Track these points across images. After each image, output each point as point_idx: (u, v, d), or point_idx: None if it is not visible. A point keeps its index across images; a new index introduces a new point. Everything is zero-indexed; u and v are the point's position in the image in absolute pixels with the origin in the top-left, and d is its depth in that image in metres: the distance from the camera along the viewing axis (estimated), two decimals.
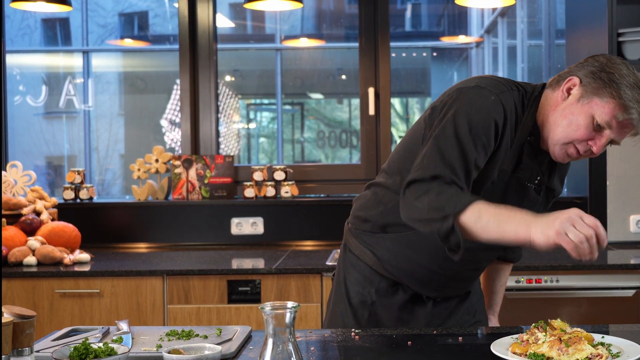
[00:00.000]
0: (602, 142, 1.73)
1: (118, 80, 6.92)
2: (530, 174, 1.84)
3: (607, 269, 3.07)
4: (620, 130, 1.72)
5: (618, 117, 1.69)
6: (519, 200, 1.82)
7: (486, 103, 1.74)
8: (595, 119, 1.71)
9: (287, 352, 1.29)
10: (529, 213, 1.63)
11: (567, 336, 1.54)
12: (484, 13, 6.74)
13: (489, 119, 1.73)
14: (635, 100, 1.68)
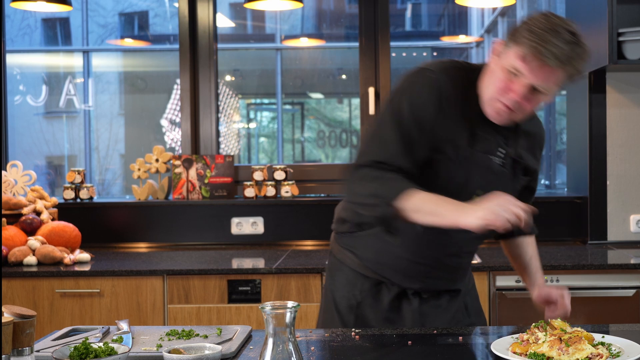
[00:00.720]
0: (521, 90, 1.72)
1: (118, 80, 6.92)
2: (490, 146, 1.84)
3: (607, 269, 3.07)
4: (536, 74, 1.70)
5: (527, 59, 1.69)
6: (483, 174, 1.83)
7: (425, 82, 1.80)
8: (508, 68, 1.72)
9: (287, 352, 1.29)
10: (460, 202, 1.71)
11: (567, 336, 1.54)
12: (484, 13, 6.74)
13: (427, 97, 1.78)
14: (546, 41, 1.67)
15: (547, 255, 3.30)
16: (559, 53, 1.67)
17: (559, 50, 1.67)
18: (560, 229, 3.78)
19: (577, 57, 1.70)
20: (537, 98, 1.75)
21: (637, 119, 3.66)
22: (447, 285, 2.01)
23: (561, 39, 1.68)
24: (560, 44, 1.67)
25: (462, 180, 1.82)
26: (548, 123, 5.98)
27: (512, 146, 1.89)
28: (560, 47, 1.67)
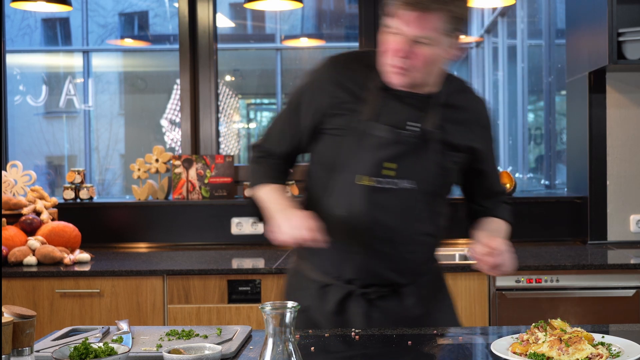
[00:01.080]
0: (399, 44, 1.73)
1: (118, 80, 6.92)
2: (397, 119, 1.81)
3: (607, 269, 3.07)
4: (408, 24, 1.72)
5: (396, 13, 1.74)
6: (390, 147, 1.80)
7: (318, 68, 1.90)
8: (385, 30, 1.78)
9: (287, 352, 1.29)
10: (281, 205, 1.82)
11: (567, 336, 1.54)
12: (484, 13, 6.74)
13: (318, 83, 1.88)
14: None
15: (547, 255, 3.31)
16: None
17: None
18: (560, 229, 3.78)
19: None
20: (423, 51, 1.73)
21: (637, 119, 3.66)
22: (390, 277, 1.88)
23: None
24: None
25: (367, 152, 1.80)
26: (548, 123, 5.98)
27: (430, 119, 1.83)
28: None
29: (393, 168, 1.80)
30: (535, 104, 6.53)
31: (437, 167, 1.84)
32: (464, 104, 1.90)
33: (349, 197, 1.82)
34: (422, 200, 1.86)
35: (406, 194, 1.83)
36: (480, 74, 6.87)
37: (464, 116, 1.90)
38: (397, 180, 1.81)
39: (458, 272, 3.10)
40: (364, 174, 1.80)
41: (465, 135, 1.88)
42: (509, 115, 6.48)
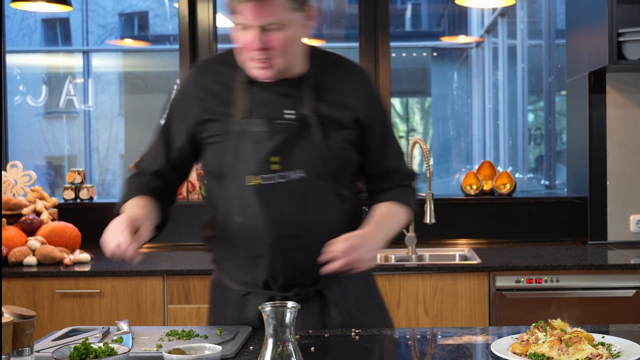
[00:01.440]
0: (252, 38, 1.68)
1: (118, 80, 6.92)
2: (271, 111, 1.76)
3: (607, 269, 3.07)
4: (250, 15, 1.67)
5: (235, 9, 1.69)
6: (272, 140, 1.74)
7: (181, 82, 1.90)
8: (234, 27, 1.73)
9: (287, 352, 1.29)
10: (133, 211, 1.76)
11: (567, 336, 1.54)
12: (484, 13, 6.74)
13: (182, 95, 1.87)
14: None
15: (547, 255, 3.31)
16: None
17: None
18: (560, 229, 3.78)
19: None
20: (276, 36, 1.68)
21: (637, 119, 3.66)
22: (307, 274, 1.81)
23: None
24: None
25: (250, 150, 1.75)
26: (548, 123, 5.98)
27: (306, 103, 1.76)
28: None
29: (277, 161, 1.74)
30: (535, 104, 6.54)
31: (324, 150, 1.77)
32: (338, 79, 1.82)
33: (242, 200, 1.77)
34: (317, 188, 1.78)
35: (297, 184, 1.76)
36: (480, 74, 6.87)
37: (342, 91, 1.81)
38: (284, 173, 1.75)
39: (458, 272, 3.10)
40: (251, 174, 1.75)
41: (345, 109, 1.80)
42: (509, 115, 6.48)
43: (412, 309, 3.10)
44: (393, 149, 1.90)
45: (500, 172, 3.90)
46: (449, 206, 3.78)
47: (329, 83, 1.81)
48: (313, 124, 1.76)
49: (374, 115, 1.84)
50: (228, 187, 1.80)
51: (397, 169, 1.91)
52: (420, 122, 7.55)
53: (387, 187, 1.91)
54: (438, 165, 7.05)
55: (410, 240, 3.48)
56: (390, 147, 1.89)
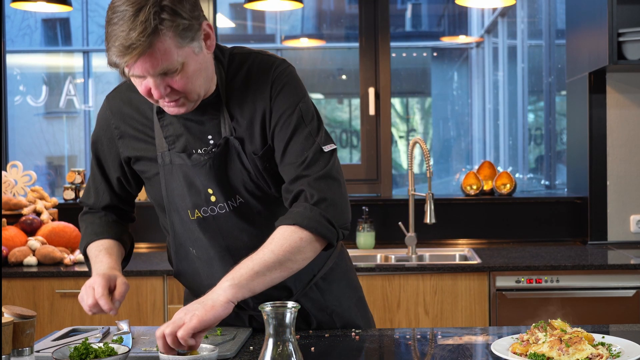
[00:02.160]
0: (153, 88, 1.50)
1: (118, 80, 6.91)
2: (192, 142, 1.63)
3: (607, 269, 3.07)
4: (142, 68, 1.46)
5: (120, 64, 1.46)
6: (200, 172, 1.62)
7: (98, 113, 1.78)
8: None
9: (287, 352, 1.29)
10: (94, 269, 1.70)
11: (568, 336, 1.54)
12: (484, 13, 6.74)
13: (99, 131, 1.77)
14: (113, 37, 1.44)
15: (547, 255, 3.31)
16: (126, 42, 1.41)
17: (124, 38, 1.41)
18: (560, 229, 3.78)
19: (146, 24, 1.41)
20: (175, 78, 1.49)
21: (637, 119, 3.66)
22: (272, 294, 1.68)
23: (120, 22, 1.43)
24: (121, 29, 1.42)
25: (183, 186, 1.65)
26: (548, 123, 5.98)
27: (225, 126, 1.62)
28: (122, 35, 1.42)
29: (212, 193, 1.64)
30: (536, 104, 6.53)
31: (255, 172, 1.63)
32: (245, 88, 1.63)
33: (189, 234, 1.70)
34: (259, 209, 1.67)
35: (239, 210, 1.66)
36: (480, 74, 6.87)
37: (250, 102, 1.63)
38: (223, 203, 1.65)
39: (458, 272, 3.10)
40: (190, 209, 1.66)
41: (257, 123, 1.62)
42: (509, 116, 6.48)
43: (412, 309, 3.10)
44: (296, 155, 1.61)
45: (501, 172, 3.90)
46: (449, 206, 3.78)
47: (241, 95, 1.63)
48: (235, 146, 1.62)
49: (272, 120, 1.62)
50: (174, 221, 1.72)
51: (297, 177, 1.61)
52: (420, 122, 7.55)
53: (288, 197, 1.63)
54: (438, 165, 7.05)
55: (410, 240, 3.48)
56: (291, 153, 1.62)
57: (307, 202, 1.57)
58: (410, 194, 3.51)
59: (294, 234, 1.55)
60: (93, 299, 1.61)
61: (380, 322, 3.11)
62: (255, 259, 1.52)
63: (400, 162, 6.88)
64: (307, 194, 1.58)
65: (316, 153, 1.61)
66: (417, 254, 3.51)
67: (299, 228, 1.56)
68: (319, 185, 1.59)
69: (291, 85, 1.63)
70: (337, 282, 1.87)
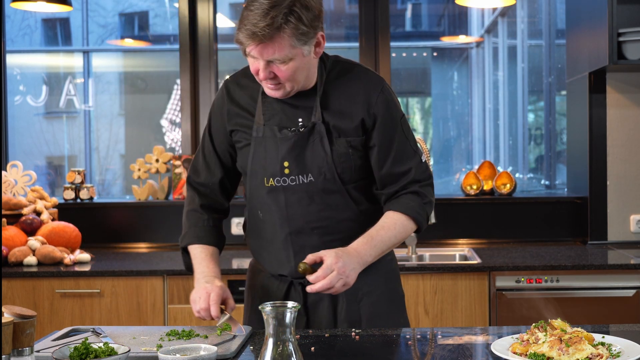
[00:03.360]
0: (260, 69, 1.78)
1: (118, 80, 6.92)
2: (285, 120, 1.90)
3: (607, 269, 3.07)
4: (258, 51, 1.75)
5: (243, 42, 1.75)
6: (284, 147, 1.89)
7: (218, 93, 2.05)
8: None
9: (287, 352, 1.29)
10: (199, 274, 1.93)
11: (568, 336, 1.54)
12: (484, 13, 6.74)
13: (217, 105, 2.02)
14: (244, 20, 1.73)
15: (547, 255, 3.31)
16: (254, 28, 1.71)
17: (253, 25, 1.71)
18: (560, 229, 3.78)
19: (274, 20, 1.70)
20: (281, 68, 1.78)
21: (637, 119, 3.66)
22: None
23: (255, 11, 1.72)
24: (254, 17, 1.71)
25: (266, 156, 1.91)
26: (548, 123, 5.98)
27: (315, 112, 1.89)
28: (253, 21, 1.71)
29: (288, 166, 1.89)
30: (536, 104, 6.53)
31: (330, 156, 1.88)
32: (344, 87, 1.91)
33: (261, 199, 1.95)
34: (325, 190, 1.91)
35: (307, 187, 1.90)
36: (480, 74, 6.87)
37: (347, 98, 1.90)
38: (295, 177, 1.90)
39: (458, 272, 3.10)
40: (267, 177, 1.92)
41: (349, 116, 1.90)
42: (509, 115, 6.48)
43: (412, 309, 3.10)
44: (399, 153, 1.92)
45: (501, 172, 3.90)
46: (449, 206, 3.79)
47: (335, 91, 1.90)
48: (320, 131, 1.88)
49: (374, 120, 1.90)
50: (252, 186, 1.97)
51: (400, 172, 1.93)
52: (420, 122, 7.55)
53: (391, 192, 1.94)
54: (438, 165, 7.05)
55: (410, 240, 3.48)
56: (395, 151, 1.92)
57: (420, 199, 1.92)
58: None
59: (407, 226, 1.91)
60: (207, 304, 1.83)
61: None
62: (386, 238, 1.87)
63: None
64: (420, 194, 1.93)
65: (419, 163, 1.95)
66: (417, 253, 3.51)
67: (411, 220, 1.91)
68: (428, 189, 1.95)
69: (395, 101, 1.96)
70: (374, 277, 1.99)
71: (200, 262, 1.97)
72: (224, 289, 1.88)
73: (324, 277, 1.74)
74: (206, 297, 1.83)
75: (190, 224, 2.04)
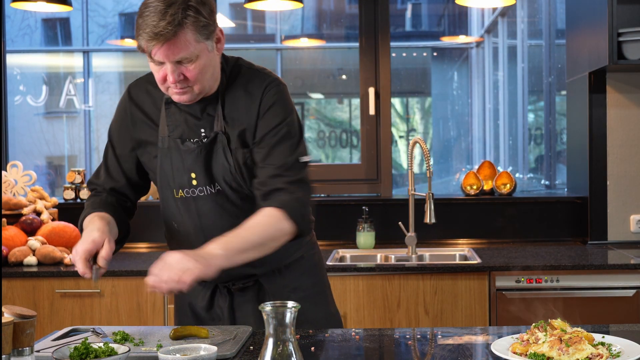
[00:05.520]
0: (168, 73, 1.76)
1: (118, 80, 6.92)
2: (187, 131, 1.88)
3: (607, 269, 3.07)
4: (162, 53, 1.73)
5: (145, 47, 1.74)
6: (188, 158, 1.87)
7: (120, 99, 2.04)
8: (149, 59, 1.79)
9: (288, 352, 1.29)
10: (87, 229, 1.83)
11: (568, 336, 1.54)
12: (484, 13, 6.74)
13: (118, 114, 2.02)
14: (143, 24, 1.72)
15: (547, 255, 3.31)
16: (155, 29, 1.70)
17: (154, 26, 1.70)
18: (560, 229, 3.78)
19: (174, 17, 1.70)
20: (189, 68, 1.76)
21: (637, 119, 3.66)
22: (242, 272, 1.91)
23: (152, 14, 1.71)
24: (152, 19, 1.70)
25: (172, 168, 1.90)
26: (548, 123, 5.98)
27: (218, 121, 1.87)
28: (152, 23, 1.70)
29: (194, 177, 1.89)
30: (535, 104, 6.54)
31: (234, 167, 1.87)
32: (242, 95, 1.88)
33: (174, 210, 1.96)
34: (234, 198, 1.90)
35: (215, 197, 1.90)
36: (480, 74, 6.87)
37: (242, 105, 1.89)
38: (202, 187, 1.89)
39: (458, 272, 3.10)
40: (176, 188, 1.92)
41: (246, 124, 1.87)
42: (509, 115, 6.48)
43: (412, 309, 3.10)
44: (275, 150, 1.86)
45: (501, 172, 3.90)
46: (449, 206, 3.79)
47: (234, 99, 1.89)
48: (222, 141, 1.87)
49: (259, 129, 1.87)
50: (163, 197, 1.98)
51: (273, 167, 1.86)
52: (420, 122, 7.55)
53: (263, 191, 1.86)
54: (438, 165, 7.06)
55: (410, 240, 3.48)
56: (271, 147, 1.86)
57: (291, 195, 1.82)
58: (410, 194, 3.51)
59: (278, 222, 1.80)
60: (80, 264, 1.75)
61: (380, 322, 3.11)
62: (243, 236, 1.76)
63: (400, 162, 6.88)
64: (289, 190, 1.83)
65: (295, 162, 1.88)
66: (417, 253, 3.51)
67: (283, 214, 1.80)
68: (298, 186, 1.85)
69: (280, 102, 1.89)
70: (299, 273, 2.03)
71: (88, 225, 1.87)
72: (94, 239, 1.76)
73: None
74: (74, 254, 1.75)
75: (88, 204, 1.99)
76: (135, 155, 1.99)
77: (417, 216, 3.54)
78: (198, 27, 1.74)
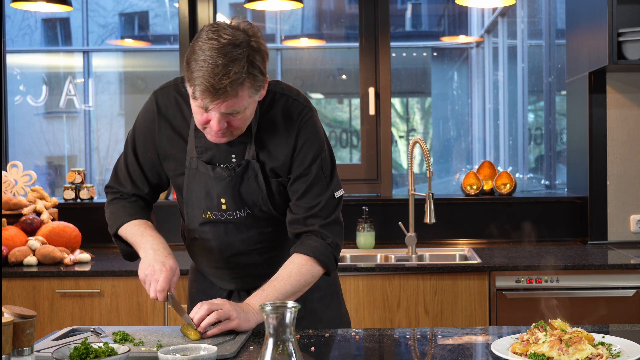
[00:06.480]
0: (213, 122, 1.71)
1: (118, 80, 6.92)
2: (218, 156, 1.86)
3: (607, 269, 3.07)
4: (205, 102, 1.67)
5: (198, 96, 1.67)
6: (218, 183, 1.87)
7: (146, 106, 1.94)
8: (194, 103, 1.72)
9: (287, 352, 1.29)
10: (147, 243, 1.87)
11: (568, 336, 1.54)
12: (484, 13, 6.74)
13: (143, 121, 1.94)
14: (201, 75, 1.63)
15: (547, 255, 3.31)
16: (218, 85, 1.62)
17: (214, 81, 1.62)
18: (560, 229, 3.78)
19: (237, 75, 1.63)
20: (236, 118, 1.72)
21: (637, 119, 3.66)
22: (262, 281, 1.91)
23: (211, 65, 1.62)
24: (213, 70, 1.61)
25: (202, 189, 1.90)
26: (548, 123, 5.98)
27: (250, 150, 1.86)
28: (212, 76, 1.62)
29: (225, 202, 1.90)
30: (535, 104, 6.53)
31: (265, 192, 1.89)
32: (273, 121, 1.87)
33: (200, 226, 1.96)
34: (262, 221, 1.94)
35: (244, 219, 1.93)
36: (480, 74, 6.87)
37: (275, 134, 1.88)
38: (232, 212, 1.91)
39: (458, 272, 3.10)
40: (204, 209, 1.92)
41: (279, 154, 1.87)
42: (509, 115, 6.48)
43: (412, 309, 3.10)
44: (311, 185, 1.89)
45: (501, 172, 3.90)
46: (449, 206, 3.79)
47: (266, 128, 1.87)
48: (254, 169, 1.87)
49: (295, 167, 1.89)
50: (189, 213, 1.97)
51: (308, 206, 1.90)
52: (420, 122, 7.55)
53: (296, 231, 1.92)
54: (438, 165, 7.05)
55: (410, 240, 3.48)
56: (309, 183, 1.89)
57: (323, 241, 1.89)
58: (410, 194, 3.51)
59: (310, 269, 1.87)
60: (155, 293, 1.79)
61: (380, 322, 3.11)
62: (279, 288, 1.83)
63: (400, 162, 6.88)
64: (322, 234, 1.89)
65: (329, 199, 1.91)
66: (417, 253, 3.51)
67: (315, 262, 1.88)
68: (331, 228, 1.91)
69: (314, 137, 1.89)
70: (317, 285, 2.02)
71: (142, 235, 1.91)
72: (172, 268, 1.82)
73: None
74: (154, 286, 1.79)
75: (117, 207, 2.00)
76: (160, 164, 1.96)
77: (417, 216, 3.54)
78: (255, 85, 1.70)
